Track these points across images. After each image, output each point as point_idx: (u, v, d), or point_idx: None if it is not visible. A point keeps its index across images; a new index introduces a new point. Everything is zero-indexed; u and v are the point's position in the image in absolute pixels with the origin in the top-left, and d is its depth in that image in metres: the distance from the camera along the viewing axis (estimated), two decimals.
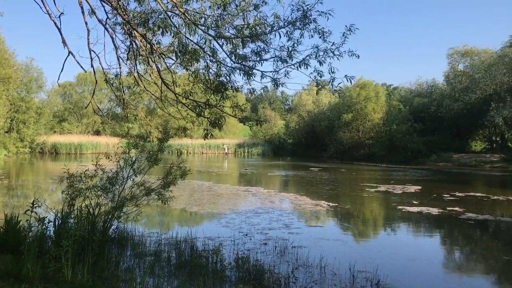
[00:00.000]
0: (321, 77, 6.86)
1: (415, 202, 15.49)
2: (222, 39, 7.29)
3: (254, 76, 7.42)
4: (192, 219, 12.28)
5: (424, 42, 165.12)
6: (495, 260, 8.62)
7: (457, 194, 18.03)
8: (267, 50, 7.18)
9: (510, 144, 44.62)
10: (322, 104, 65.20)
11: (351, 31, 6.71)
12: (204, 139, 9.21)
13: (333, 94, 7.37)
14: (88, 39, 7.32)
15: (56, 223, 7.17)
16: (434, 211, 13.60)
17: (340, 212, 13.55)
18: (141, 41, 7.78)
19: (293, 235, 9.82)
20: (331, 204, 14.76)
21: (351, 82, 6.78)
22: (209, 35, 7.14)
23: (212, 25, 7.15)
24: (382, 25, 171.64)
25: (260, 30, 7.05)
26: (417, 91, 63.51)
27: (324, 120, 60.90)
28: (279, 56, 7.00)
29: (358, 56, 6.76)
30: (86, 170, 7.92)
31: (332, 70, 6.78)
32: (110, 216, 7.69)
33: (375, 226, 12.22)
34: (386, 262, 7.82)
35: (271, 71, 7.21)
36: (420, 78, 74.62)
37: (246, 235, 9.77)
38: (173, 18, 7.22)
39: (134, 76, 8.61)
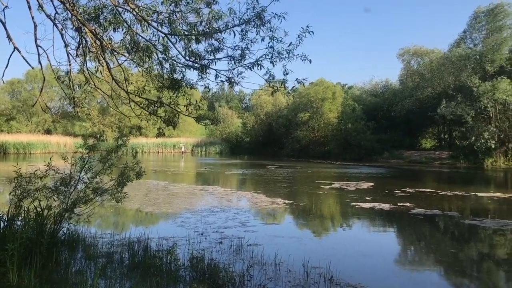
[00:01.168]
0: (273, 78, 6.91)
1: (367, 198, 15.92)
2: (176, 36, 7.20)
3: (209, 75, 7.39)
4: (146, 219, 12.07)
5: (377, 41, 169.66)
6: (443, 253, 8.98)
7: (408, 190, 18.67)
8: (221, 49, 7.16)
9: (457, 142, 46.61)
10: (279, 103, 65.71)
11: (308, 32, 6.79)
12: (157, 137, 9.07)
13: (287, 96, 7.45)
14: (35, 34, 7.02)
15: (1, 225, 6.85)
16: (386, 207, 14.03)
17: (295, 209, 13.72)
18: (91, 37, 7.55)
19: (249, 233, 9.85)
20: (287, 201, 14.92)
21: (303, 84, 6.86)
22: (162, 32, 7.03)
23: (165, 22, 7.04)
24: (338, 25, 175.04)
25: (214, 27, 7.01)
26: (371, 90, 65.28)
27: (282, 119, 61.48)
28: (233, 55, 6.99)
29: (310, 61, 6.87)
30: (36, 170, 7.61)
31: (286, 72, 6.84)
32: (60, 218, 7.43)
33: (329, 223, 12.45)
34: (339, 258, 8.00)
35: (225, 70, 7.21)
36: (374, 78, 76.79)
37: (202, 234, 9.71)
38: (125, 14, 7.06)
39: (85, 74, 8.35)
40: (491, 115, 40.09)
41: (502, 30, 41.46)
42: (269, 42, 6.81)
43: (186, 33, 7.22)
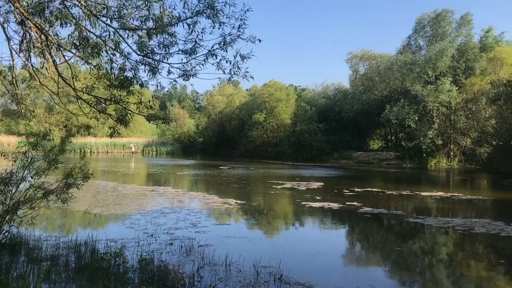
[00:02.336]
0: (230, 63, 6.85)
1: (318, 198, 16.24)
2: (126, 31, 7.04)
3: (161, 71, 7.27)
4: (94, 221, 11.73)
5: (330, 45, 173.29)
6: (388, 251, 9.33)
7: (356, 189, 19.21)
8: (174, 43, 7.06)
9: (403, 143, 48.56)
10: (233, 103, 65.64)
11: (248, 10, 6.80)
12: (111, 137, 8.83)
13: (246, 80, 7.37)
14: None
15: None
16: (335, 206, 14.37)
17: (247, 209, 13.78)
18: (36, 32, 7.24)
19: (200, 234, 9.80)
20: (239, 202, 14.96)
21: (252, 78, 6.87)
22: (111, 27, 6.85)
23: (115, 16, 6.85)
24: (293, 28, 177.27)
25: (166, 21, 6.90)
26: (323, 93, 66.66)
27: (235, 119, 61.46)
28: (185, 49, 6.92)
29: (260, 40, 6.90)
30: None
31: (241, 56, 6.82)
32: (1, 220, 7.09)
33: (280, 222, 12.61)
34: (289, 257, 8.12)
35: (178, 63, 7.12)
36: (326, 81, 78.49)
37: (152, 235, 9.56)
38: (72, 8, 6.83)
39: (29, 70, 8.00)
40: (435, 117, 41.98)
41: (445, 37, 43.53)
42: (218, 28, 6.80)
43: (137, 27, 7.08)
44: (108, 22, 6.96)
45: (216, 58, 6.80)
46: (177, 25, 6.95)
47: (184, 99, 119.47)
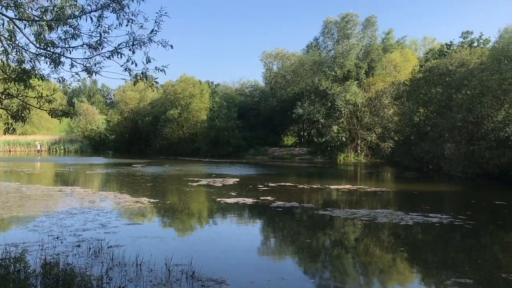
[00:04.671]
0: (136, 65, 6.64)
1: (233, 193, 16.37)
2: (24, 22, 6.55)
3: (63, 65, 6.86)
4: None
5: (242, 42, 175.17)
6: (299, 243, 9.67)
7: (270, 184, 19.67)
8: (76, 36, 6.69)
9: (315, 139, 50.58)
10: (145, 99, 63.84)
11: (164, 15, 6.62)
12: (5, 134, 8.18)
13: (151, 87, 7.25)
14: None
15: None
16: (249, 201, 14.58)
17: (161, 208, 13.50)
18: None
19: (110, 234, 9.44)
20: (152, 200, 14.62)
21: (164, 72, 6.70)
22: (6, 16, 6.32)
23: (10, 5, 6.33)
24: (210, 26, 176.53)
25: (69, 13, 6.51)
26: (240, 90, 67.21)
27: (148, 116, 59.84)
28: (90, 43, 6.59)
29: (172, 46, 6.78)
30: None
31: (148, 60, 6.64)
32: None
33: (194, 220, 12.54)
34: (202, 254, 8.09)
35: (81, 58, 6.77)
36: (242, 78, 79.24)
37: (57, 238, 9.04)
38: None
39: None
40: (343, 114, 44.24)
41: (351, 38, 46.01)
42: (126, 25, 6.55)
43: (37, 18, 6.61)
44: (3, 11, 6.41)
45: (122, 57, 6.53)
46: (80, 18, 6.59)
47: (94, 95, 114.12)
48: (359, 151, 44.72)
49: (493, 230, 11.52)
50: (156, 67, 6.61)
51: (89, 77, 7.01)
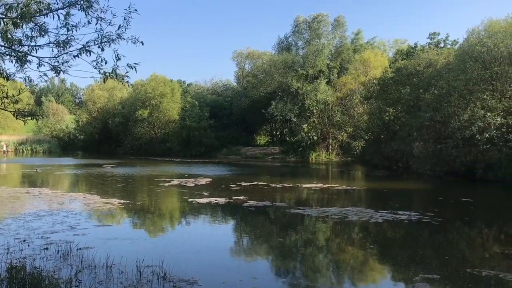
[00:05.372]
0: (106, 63, 6.50)
1: (205, 193, 16.29)
2: None
3: (30, 63, 6.67)
4: None
5: (213, 41, 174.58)
6: (272, 242, 9.69)
7: (243, 184, 19.67)
8: (44, 33, 6.51)
9: (287, 138, 50.92)
10: (114, 98, 62.75)
11: (133, 11, 6.52)
12: None
13: (122, 83, 7.10)
14: None
15: None
16: (222, 201, 14.54)
17: (131, 209, 13.31)
18: None
19: (79, 236, 9.24)
20: (122, 201, 14.39)
21: (135, 69, 6.59)
22: None
23: None
24: (178, 21, 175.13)
25: (35, 9, 6.33)
26: (212, 89, 66.99)
27: (118, 115, 58.89)
28: (57, 41, 6.42)
29: (142, 43, 6.68)
30: None
31: (118, 57, 6.52)
32: None
33: (166, 221, 12.43)
34: (174, 256, 8.02)
35: (49, 57, 6.60)
36: (214, 77, 78.98)
37: (24, 241, 8.78)
38: None
39: None
40: (314, 113, 44.69)
41: (321, 38, 46.50)
42: (96, 24, 6.43)
43: (1, 16, 6.40)
44: None
45: (91, 55, 6.40)
46: (47, 16, 6.42)
47: (63, 94, 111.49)
48: (330, 150, 45.26)
49: (460, 227, 11.85)
50: (128, 64, 6.50)
51: (57, 76, 6.85)
